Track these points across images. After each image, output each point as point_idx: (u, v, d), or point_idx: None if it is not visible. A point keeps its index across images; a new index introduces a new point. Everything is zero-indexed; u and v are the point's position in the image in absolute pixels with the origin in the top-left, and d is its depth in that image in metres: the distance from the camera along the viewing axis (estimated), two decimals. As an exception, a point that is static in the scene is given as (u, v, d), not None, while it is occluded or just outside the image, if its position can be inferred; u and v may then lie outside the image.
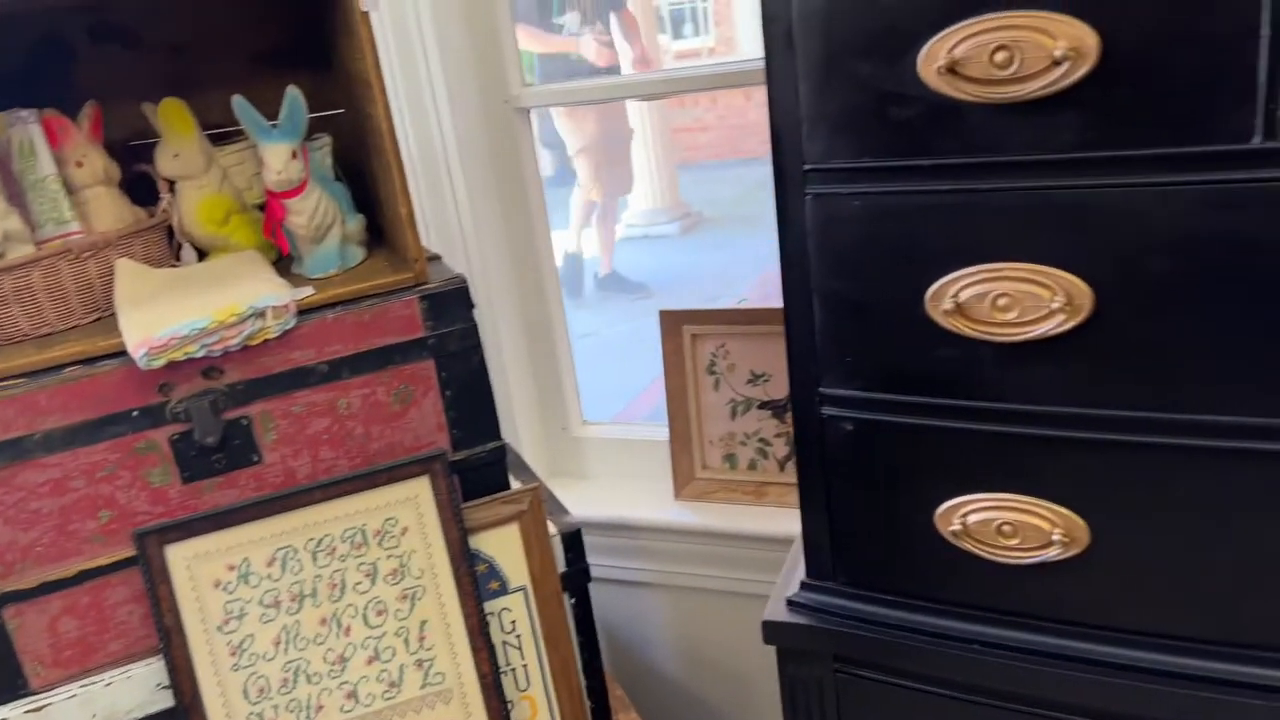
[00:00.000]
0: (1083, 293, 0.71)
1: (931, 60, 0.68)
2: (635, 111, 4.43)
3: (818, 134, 0.75)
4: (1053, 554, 0.78)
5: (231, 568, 0.99)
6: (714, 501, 1.57)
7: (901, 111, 0.71)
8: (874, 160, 0.74)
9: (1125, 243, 0.68)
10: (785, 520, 1.42)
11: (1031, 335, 0.73)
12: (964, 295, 0.74)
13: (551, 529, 1.12)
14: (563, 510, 1.20)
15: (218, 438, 0.98)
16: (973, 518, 0.81)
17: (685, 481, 1.59)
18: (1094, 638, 0.80)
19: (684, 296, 4.00)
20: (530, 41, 3.39)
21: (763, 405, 1.52)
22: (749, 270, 4.26)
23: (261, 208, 1.13)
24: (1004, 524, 0.80)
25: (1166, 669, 0.77)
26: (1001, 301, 0.73)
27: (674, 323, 1.56)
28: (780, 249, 0.82)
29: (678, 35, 6.80)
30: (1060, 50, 0.64)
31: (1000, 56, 0.66)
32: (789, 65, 0.74)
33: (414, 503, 1.04)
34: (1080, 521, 0.78)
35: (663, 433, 1.60)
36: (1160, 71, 0.63)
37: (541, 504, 1.10)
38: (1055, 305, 0.71)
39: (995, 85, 0.67)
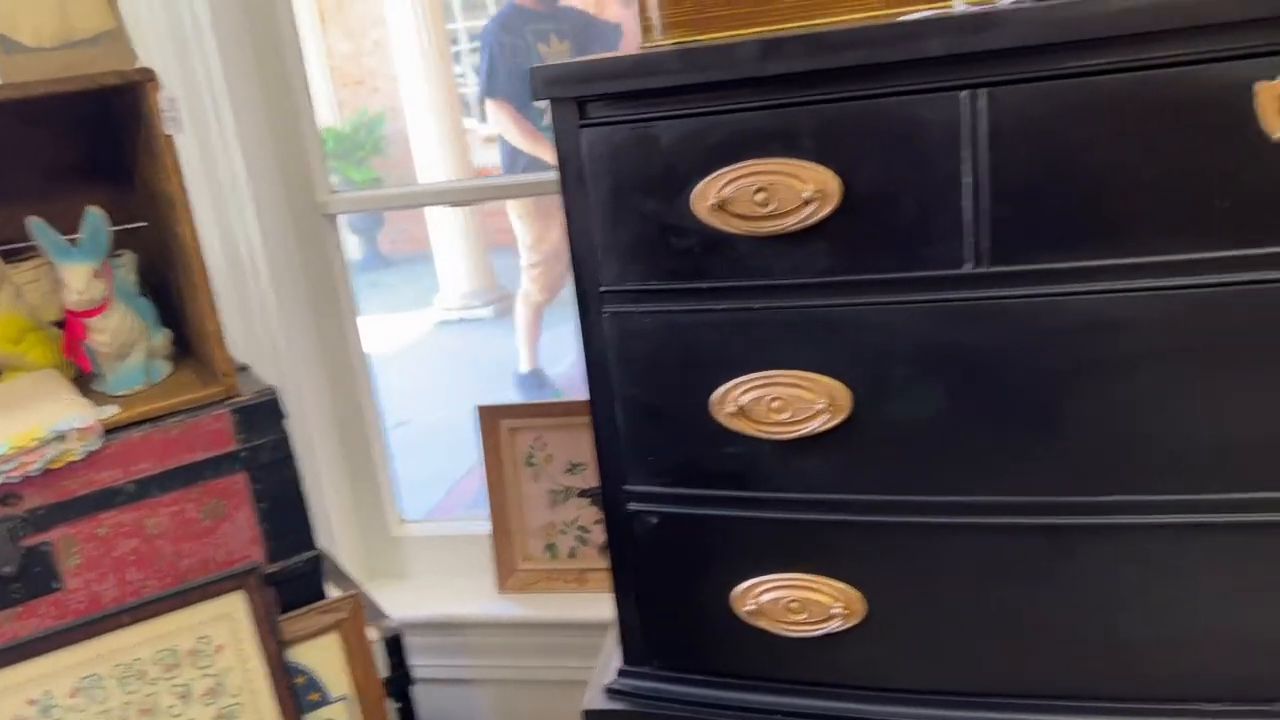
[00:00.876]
0: (843, 394, 0.81)
1: (703, 198, 0.78)
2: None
3: (611, 259, 0.83)
4: (834, 625, 0.87)
5: (32, 702, 0.95)
6: (537, 592, 1.61)
7: (681, 241, 0.80)
8: (659, 283, 0.82)
9: (873, 351, 0.79)
10: (607, 605, 1.47)
11: (802, 433, 0.83)
12: (744, 399, 0.84)
13: (372, 634, 1.13)
14: (382, 614, 1.21)
15: (15, 567, 0.95)
16: (764, 597, 0.89)
17: (508, 573, 1.62)
18: (877, 699, 0.89)
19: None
20: (519, 137, 3.13)
21: (582, 494, 1.58)
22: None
23: (60, 324, 1.11)
24: (791, 601, 0.88)
25: (939, 723, 0.87)
26: (775, 404, 0.83)
27: (492, 418, 1.60)
28: (585, 359, 0.89)
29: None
30: (808, 192, 0.75)
31: (760, 196, 0.76)
32: (583, 200, 0.82)
33: (228, 619, 1.03)
34: (857, 594, 0.87)
35: (483, 526, 1.63)
36: (889, 210, 0.75)
37: (361, 610, 1.11)
38: (819, 406, 0.81)
39: (758, 220, 0.77)
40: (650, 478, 0.90)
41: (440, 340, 4.55)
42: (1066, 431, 0.78)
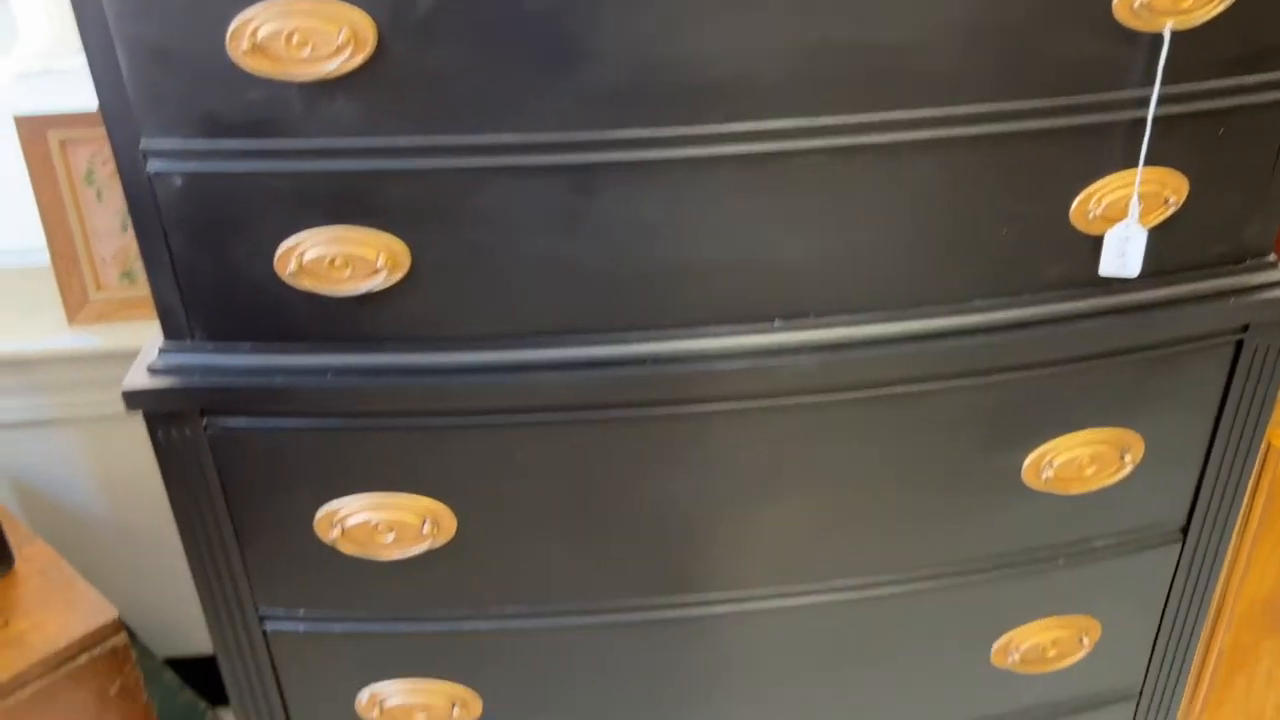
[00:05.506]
0: (367, 28, 0.77)
1: None
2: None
3: None
4: (379, 281, 0.87)
5: None
6: (116, 322, 1.49)
7: None
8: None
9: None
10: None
11: (325, 73, 0.78)
12: (261, 33, 0.77)
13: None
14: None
15: None
16: (309, 255, 0.86)
17: (79, 306, 1.48)
18: (427, 348, 0.91)
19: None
20: None
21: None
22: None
23: None
24: (335, 258, 0.86)
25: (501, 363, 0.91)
26: (296, 39, 0.77)
27: (36, 130, 1.40)
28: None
29: None
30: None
31: None
32: None
33: None
34: (403, 247, 0.87)
35: (41, 257, 1.46)
36: None
37: None
38: (341, 41, 0.77)
39: None
40: (167, 132, 0.82)
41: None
42: (583, 73, 0.79)
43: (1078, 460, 1.02)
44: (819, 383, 0.94)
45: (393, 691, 1.08)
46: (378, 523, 0.97)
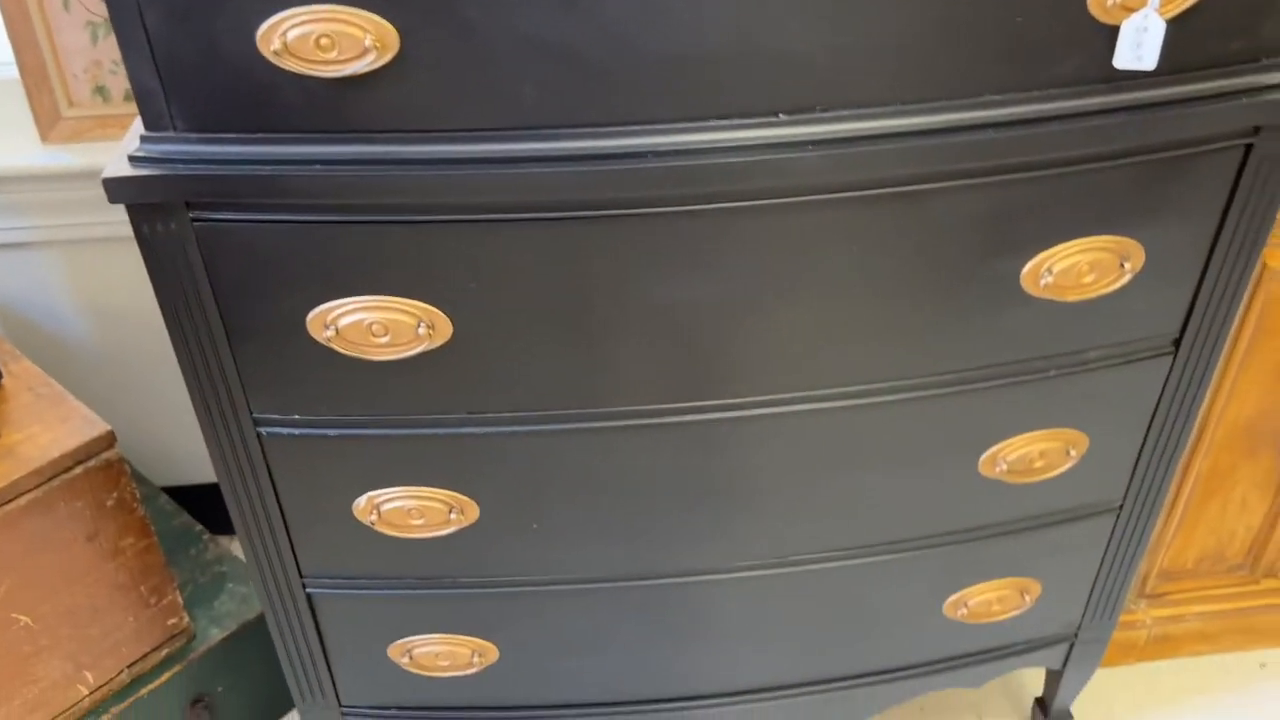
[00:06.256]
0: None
1: None
2: None
3: None
4: (368, 62, 0.83)
5: None
6: (91, 140, 1.44)
7: None
8: None
9: None
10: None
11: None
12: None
13: None
14: None
15: None
16: (293, 33, 0.82)
17: (51, 123, 1.43)
18: (418, 139, 0.88)
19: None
20: None
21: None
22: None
23: None
24: (320, 36, 0.82)
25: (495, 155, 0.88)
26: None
27: (-8, -71, 1.32)
28: None
29: None
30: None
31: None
32: None
33: None
34: (390, 27, 0.82)
35: (9, 70, 1.40)
36: None
37: None
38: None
39: None
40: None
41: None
42: None
43: (1077, 267, 1.01)
44: (824, 180, 0.92)
45: (390, 496, 1.09)
46: (371, 323, 0.96)
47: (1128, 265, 1.03)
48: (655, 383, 1.04)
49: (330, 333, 0.96)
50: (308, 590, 1.19)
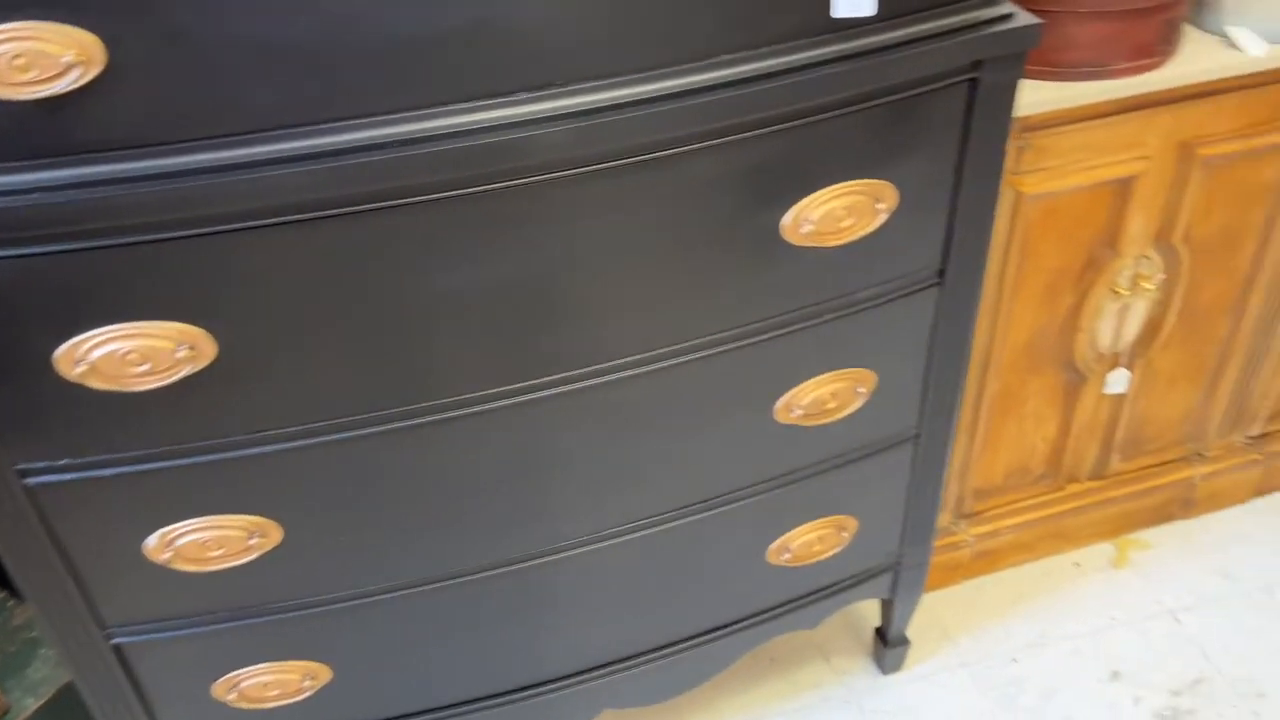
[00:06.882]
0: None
1: None
2: None
3: None
4: (72, 79, 0.79)
5: None
6: None
7: None
8: None
9: None
10: None
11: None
12: None
13: None
14: None
15: None
16: (-19, 58, 0.77)
17: None
18: (145, 155, 0.84)
19: None
20: None
21: None
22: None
23: None
24: (15, 55, 0.77)
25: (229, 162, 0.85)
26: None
27: None
28: None
29: None
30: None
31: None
32: None
33: None
34: (93, 38, 0.78)
35: None
36: None
37: None
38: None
39: None
40: None
41: None
42: None
43: (834, 213, 1.05)
44: (573, 154, 0.93)
45: (183, 530, 1.04)
46: (126, 352, 0.91)
47: (882, 206, 1.08)
48: (449, 373, 1.03)
49: (82, 368, 0.91)
50: (114, 642, 1.13)
